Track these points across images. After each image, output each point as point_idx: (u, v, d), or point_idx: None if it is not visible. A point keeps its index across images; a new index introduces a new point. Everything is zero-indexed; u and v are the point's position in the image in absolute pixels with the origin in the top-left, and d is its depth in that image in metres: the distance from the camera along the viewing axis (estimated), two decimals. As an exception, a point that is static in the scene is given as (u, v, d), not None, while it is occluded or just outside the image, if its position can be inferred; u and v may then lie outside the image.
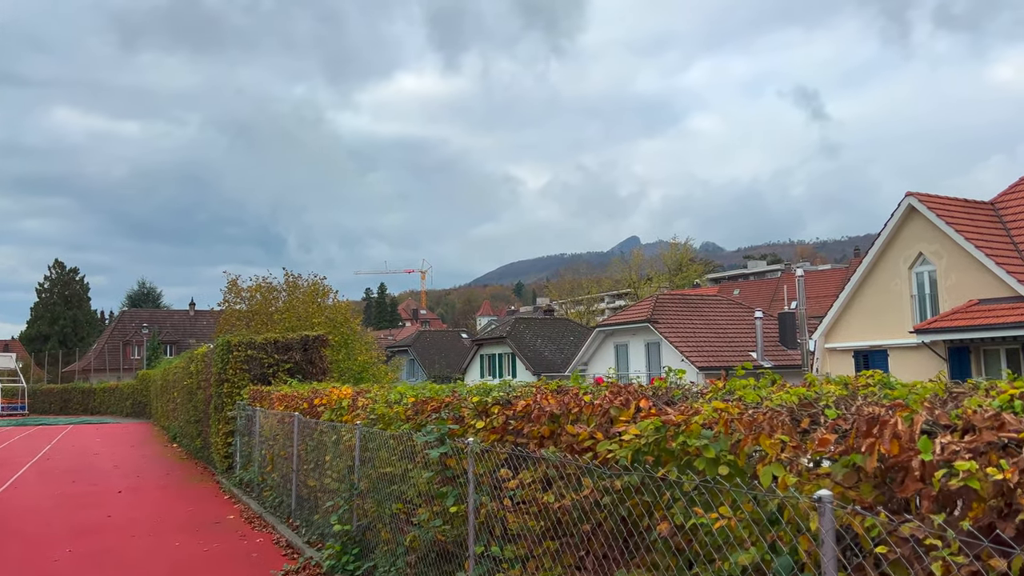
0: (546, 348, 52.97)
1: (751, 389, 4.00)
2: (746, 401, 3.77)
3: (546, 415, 4.96)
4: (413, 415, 7.10)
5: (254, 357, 16.88)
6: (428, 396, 7.02)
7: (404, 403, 7.40)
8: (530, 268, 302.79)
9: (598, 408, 4.51)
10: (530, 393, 5.61)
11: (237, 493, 14.25)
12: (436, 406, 6.55)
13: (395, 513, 6.87)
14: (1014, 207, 28.01)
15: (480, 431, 5.73)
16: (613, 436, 4.18)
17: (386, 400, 8.00)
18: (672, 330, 38.84)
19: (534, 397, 5.35)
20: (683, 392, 4.58)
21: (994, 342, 24.71)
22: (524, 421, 5.32)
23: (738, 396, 3.94)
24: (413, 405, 7.15)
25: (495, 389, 6.15)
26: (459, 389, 7.01)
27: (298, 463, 11.01)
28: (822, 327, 30.94)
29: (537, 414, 5.08)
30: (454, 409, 6.25)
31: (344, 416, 9.28)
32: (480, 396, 5.99)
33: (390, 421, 7.64)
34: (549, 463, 4.64)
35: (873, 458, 2.74)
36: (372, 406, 8.15)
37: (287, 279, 31.45)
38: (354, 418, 8.77)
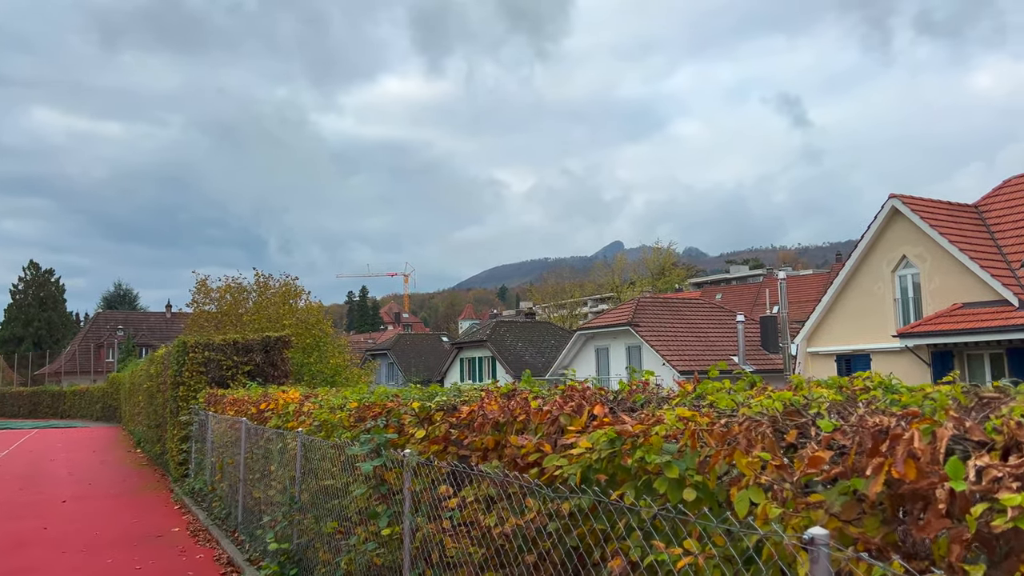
0: (527, 351, 52.28)
1: (725, 393, 3.31)
2: (719, 408, 3.09)
3: (489, 423, 4.25)
4: (355, 422, 6.37)
5: (212, 359, 16.04)
6: (371, 401, 6.29)
7: (347, 409, 6.66)
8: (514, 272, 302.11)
9: (546, 416, 3.81)
10: (477, 397, 4.90)
11: (188, 503, 13.42)
12: (377, 412, 5.81)
13: (332, 532, 6.13)
14: (997, 210, 27.68)
15: (421, 441, 5.01)
16: (563, 449, 3.48)
17: (330, 405, 7.25)
18: (653, 333, 38.28)
19: (480, 402, 4.64)
20: (647, 396, 3.89)
21: (978, 346, 24.30)
22: (468, 430, 4.61)
23: (710, 402, 3.25)
24: (356, 411, 6.42)
25: (442, 393, 5.43)
26: (404, 393, 6.28)
27: (245, 472, 10.23)
28: (804, 331, 30.47)
29: (480, 422, 4.37)
30: (396, 416, 5.52)
31: (290, 422, 8.52)
32: (423, 401, 5.27)
33: (332, 428, 6.90)
34: (492, 480, 3.93)
35: (880, 482, 2.06)
36: (316, 412, 7.40)
37: (257, 280, 30.56)
38: (300, 424, 8.02)
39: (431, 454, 4.87)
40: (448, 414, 4.94)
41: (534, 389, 4.69)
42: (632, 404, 3.79)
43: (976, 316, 23.89)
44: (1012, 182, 28.41)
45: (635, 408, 3.71)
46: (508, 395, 4.75)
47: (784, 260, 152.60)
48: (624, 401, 3.84)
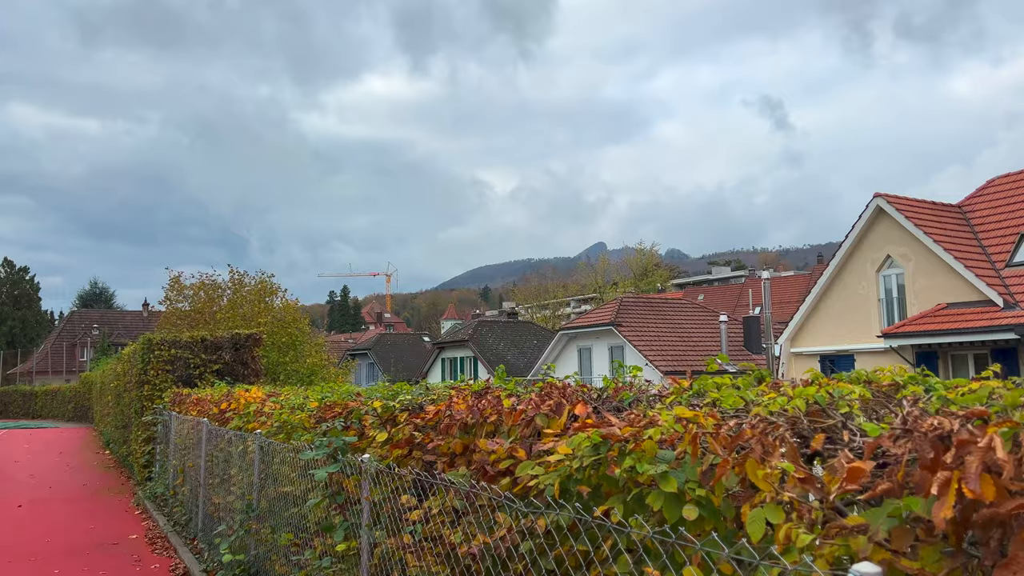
0: (509, 351, 51.77)
1: (731, 389, 2.80)
2: (724, 408, 2.60)
3: (457, 425, 3.74)
4: (317, 423, 5.83)
5: (179, 357, 15.39)
6: (333, 400, 5.75)
7: (307, 409, 6.11)
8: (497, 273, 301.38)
9: (520, 416, 3.30)
10: (447, 396, 4.38)
11: (149, 508, 12.77)
12: (337, 412, 5.28)
13: (288, 544, 5.59)
14: (981, 210, 27.55)
15: (383, 445, 4.49)
16: (539, 455, 2.98)
17: (291, 405, 6.70)
18: (636, 333, 37.91)
19: (448, 401, 4.12)
20: (636, 394, 3.39)
21: (962, 347, 24.11)
22: (434, 432, 4.10)
23: (712, 400, 2.75)
24: (316, 411, 5.88)
25: (408, 391, 4.91)
26: (368, 392, 5.75)
27: (205, 476, 9.63)
28: (788, 331, 30.21)
29: (447, 424, 3.86)
30: (356, 416, 4.99)
31: (251, 423, 7.95)
32: (386, 400, 4.74)
33: (292, 430, 6.35)
34: (458, 491, 3.41)
35: (950, 504, 1.58)
36: (275, 412, 6.85)
37: (232, 277, 29.81)
38: (260, 425, 7.46)
39: (394, 459, 4.34)
40: (413, 414, 4.42)
41: (508, 386, 4.19)
42: (619, 403, 3.30)
43: (961, 316, 23.70)
44: (996, 182, 28.30)
45: (622, 408, 3.22)
46: (480, 393, 4.24)
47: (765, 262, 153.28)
48: (609, 400, 3.35)
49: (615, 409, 3.28)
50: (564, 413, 3.05)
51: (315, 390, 7.15)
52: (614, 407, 3.21)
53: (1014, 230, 25.45)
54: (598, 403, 3.27)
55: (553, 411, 3.13)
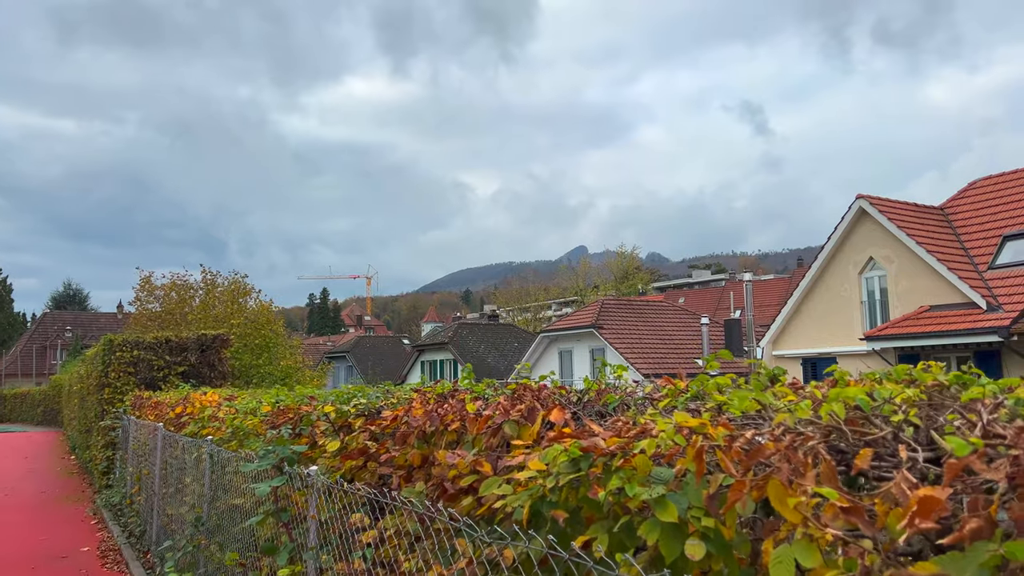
0: (489, 354, 51.24)
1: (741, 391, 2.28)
2: (732, 414, 2.11)
3: (415, 434, 3.22)
4: (270, 429, 5.27)
5: (142, 358, 14.71)
6: (287, 404, 5.20)
7: (260, 413, 5.56)
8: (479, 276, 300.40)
9: (486, 423, 2.79)
10: (406, 400, 3.86)
11: (106, 517, 12.10)
12: (289, 418, 4.74)
13: (233, 565, 5.04)
14: (963, 213, 27.44)
15: (335, 455, 3.95)
16: (507, 471, 2.47)
17: (246, 409, 6.14)
18: (617, 336, 37.53)
19: (407, 406, 3.60)
20: (623, 398, 2.88)
21: (945, 349, 23.91)
22: (391, 441, 3.57)
23: (716, 404, 2.25)
24: (269, 416, 5.33)
25: (365, 394, 4.38)
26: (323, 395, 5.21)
27: (160, 485, 9.02)
28: (770, 333, 29.96)
29: (403, 432, 3.34)
30: (308, 422, 4.46)
31: (205, 428, 7.37)
32: (339, 404, 4.21)
33: (245, 436, 5.80)
34: (413, 511, 2.89)
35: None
36: (228, 417, 6.28)
37: (204, 277, 29.02)
38: (213, 431, 6.88)
39: (346, 471, 3.82)
40: (369, 421, 3.89)
41: (476, 389, 3.67)
42: (602, 408, 2.80)
43: (944, 319, 23.52)
44: (977, 185, 28.21)
45: (606, 414, 2.72)
46: (444, 396, 3.72)
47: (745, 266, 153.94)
48: (591, 404, 2.84)
49: (598, 415, 2.79)
50: (537, 420, 2.55)
51: (270, 393, 6.60)
52: (596, 412, 2.72)
53: (996, 232, 25.34)
54: (578, 408, 2.77)
55: (524, 417, 2.63)
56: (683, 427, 1.83)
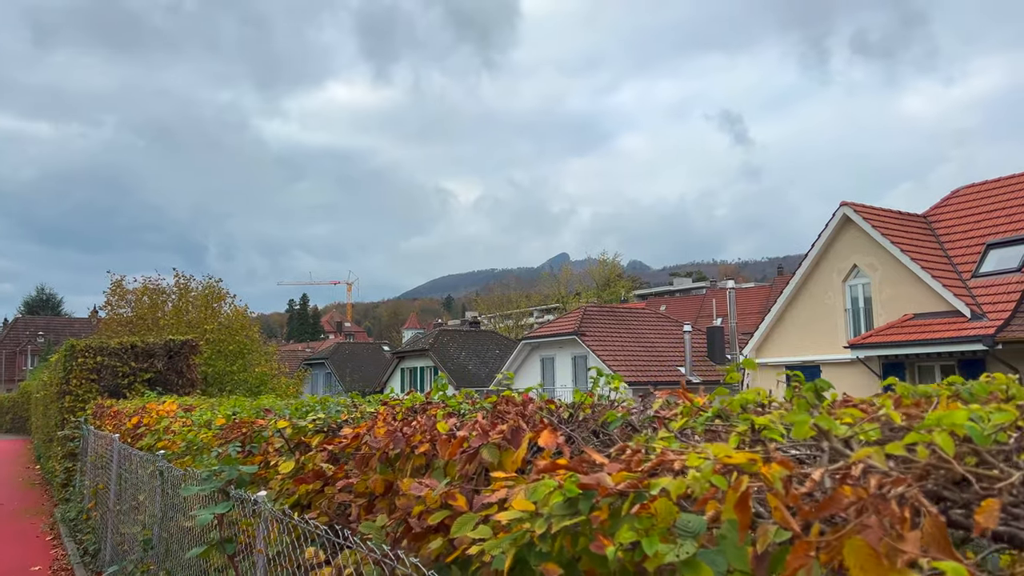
0: (470, 361, 50.64)
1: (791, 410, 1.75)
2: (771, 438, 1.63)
3: (377, 457, 2.73)
4: (220, 445, 4.75)
5: (105, 365, 14.04)
6: (242, 417, 4.68)
7: (214, 427, 5.03)
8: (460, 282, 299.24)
9: (460, 447, 2.30)
10: (371, 414, 3.36)
11: (63, 533, 11.44)
12: (241, 433, 4.22)
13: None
14: (946, 221, 27.36)
15: (289, 477, 3.45)
16: (485, 508, 1.99)
17: (201, 422, 5.61)
18: (599, 343, 37.14)
19: (370, 422, 3.11)
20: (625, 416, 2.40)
21: (929, 358, 23.75)
22: (351, 463, 3.07)
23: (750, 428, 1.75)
24: (222, 430, 4.80)
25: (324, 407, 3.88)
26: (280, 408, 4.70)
27: (115, 501, 8.42)
28: (753, 341, 29.68)
29: (364, 455, 2.84)
30: (260, 439, 3.94)
31: (161, 441, 6.81)
32: (295, 418, 3.70)
33: (199, 451, 5.27)
34: (369, 555, 2.39)
35: None
36: (181, 430, 5.74)
37: (177, 281, 28.25)
38: (169, 445, 6.33)
39: (302, 497, 3.31)
40: (328, 439, 3.39)
41: (450, 402, 3.19)
42: (601, 428, 2.32)
43: (928, 327, 23.34)
44: (960, 193, 28.16)
45: (606, 436, 2.25)
46: (414, 411, 3.23)
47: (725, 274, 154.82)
48: (586, 423, 2.36)
49: (595, 438, 2.32)
50: (523, 444, 2.07)
51: (227, 404, 6.06)
52: (593, 434, 2.25)
53: (979, 240, 25.25)
54: (572, 428, 2.29)
55: (507, 440, 2.14)
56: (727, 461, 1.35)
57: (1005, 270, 23.56)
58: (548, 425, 2.17)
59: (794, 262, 28.25)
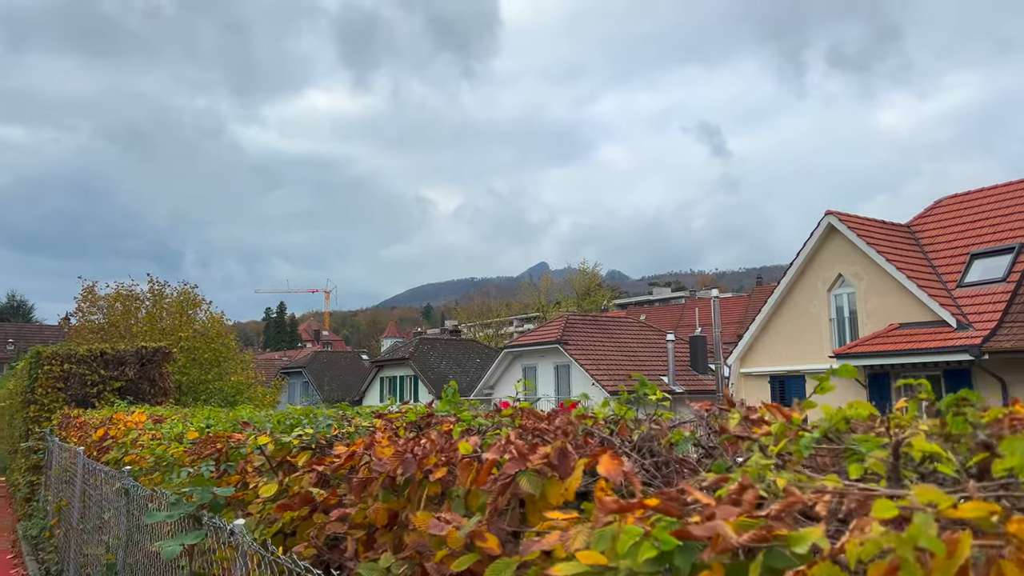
0: (451, 370, 50.06)
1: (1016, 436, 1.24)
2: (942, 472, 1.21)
3: (379, 482, 2.28)
4: (192, 462, 4.26)
5: (73, 373, 13.40)
6: (217, 431, 4.20)
7: (186, 441, 4.54)
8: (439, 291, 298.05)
9: (489, 472, 1.86)
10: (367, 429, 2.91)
11: (25, 551, 10.78)
12: (216, 449, 3.74)
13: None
14: (930, 230, 27.35)
15: (271, 501, 2.98)
16: (531, 552, 1.54)
17: (172, 435, 5.10)
18: (582, 352, 36.78)
19: (368, 438, 2.66)
20: (693, 436, 1.94)
21: (915, 368, 23.61)
22: (345, 487, 2.62)
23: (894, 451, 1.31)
24: (195, 445, 4.32)
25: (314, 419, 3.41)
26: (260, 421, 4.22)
27: (78, 519, 7.85)
28: (737, 350, 29.48)
29: (363, 480, 2.39)
30: (236, 456, 3.47)
31: (128, 455, 6.28)
32: (278, 433, 3.24)
33: (169, 468, 4.77)
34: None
35: None
36: (150, 444, 5.23)
37: (151, 287, 27.49)
38: (138, 460, 5.81)
39: (285, 525, 2.85)
40: (317, 458, 2.94)
41: (464, 415, 2.74)
42: (659, 448, 1.88)
43: (914, 337, 23.23)
44: (944, 203, 28.19)
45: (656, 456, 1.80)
46: (418, 425, 2.78)
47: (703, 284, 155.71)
48: (647, 444, 1.91)
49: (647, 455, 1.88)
50: (575, 472, 1.62)
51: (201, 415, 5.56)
52: (655, 461, 1.79)
53: (963, 250, 25.23)
54: (642, 447, 1.84)
55: (552, 466, 1.70)
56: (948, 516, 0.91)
57: (990, 280, 23.53)
58: (606, 447, 1.72)
59: (772, 273, 28.13)
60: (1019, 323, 21.73)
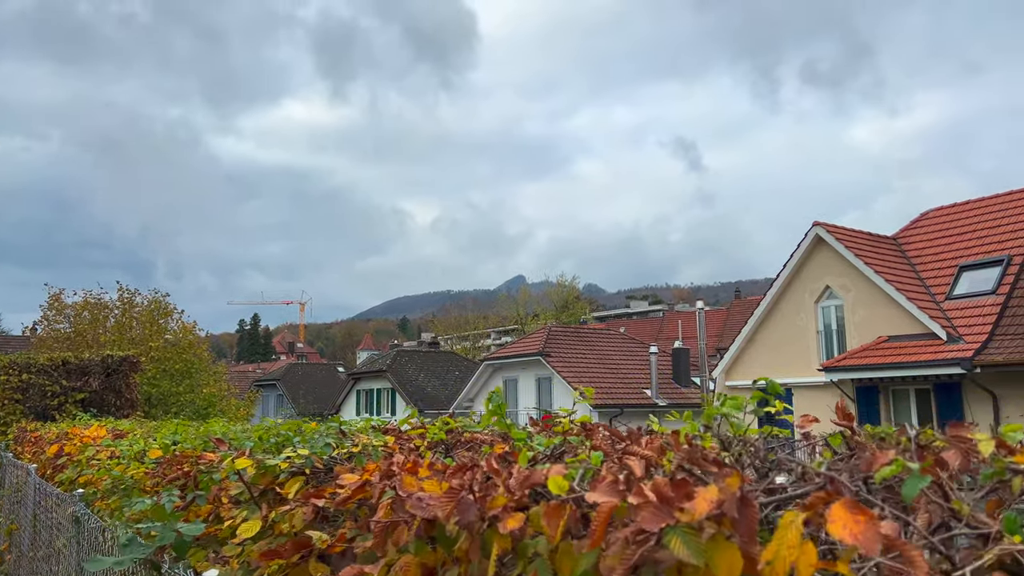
0: (429, 383, 49.21)
1: None
2: None
3: (413, 527, 1.62)
4: (157, 484, 3.55)
5: (32, 383, 12.51)
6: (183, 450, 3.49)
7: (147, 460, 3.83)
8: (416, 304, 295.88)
9: (606, 523, 1.20)
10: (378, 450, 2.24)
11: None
12: (183, 472, 3.05)
13: None
14: (917, 242, 27.16)
15: (252, 541, 2.30)
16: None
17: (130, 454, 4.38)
18: (565, 364, 36.17)
19: (386, 463, 1.99)
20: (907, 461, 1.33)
21: (904, 381, 23.28)
22: (353, 524, 1.96)
23: None
24: (158, 465, 3.61)
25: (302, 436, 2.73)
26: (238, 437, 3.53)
27: (30, 545, 7.04)
28: (723, 363, 29.05)
29: (388, 522, 1.72)
30: (209, 482, 2.79)
31: (84, 475, 5.52)
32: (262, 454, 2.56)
33: (128, 491, 4.04)
34: None
35: None
36: (107, 463, 4.50)
37: (121, 295, 26.44)
38: (92, 481, 5.06)
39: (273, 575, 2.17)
40: (316, 488, 2.27)
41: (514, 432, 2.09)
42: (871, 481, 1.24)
43: (903, 349, 22.90)
44: (930, 215, 28.04)
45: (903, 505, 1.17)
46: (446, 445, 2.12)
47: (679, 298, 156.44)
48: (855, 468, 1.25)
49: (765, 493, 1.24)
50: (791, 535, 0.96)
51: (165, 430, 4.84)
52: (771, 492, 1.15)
53: (951, 263, 25.03)
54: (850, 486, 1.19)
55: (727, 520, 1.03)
56: None
57: (979, 292, 23.29)
58: (832, 489, 1.05)
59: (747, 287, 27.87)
60: (1009, 336, 21.48)
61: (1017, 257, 23.28)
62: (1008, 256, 23.37)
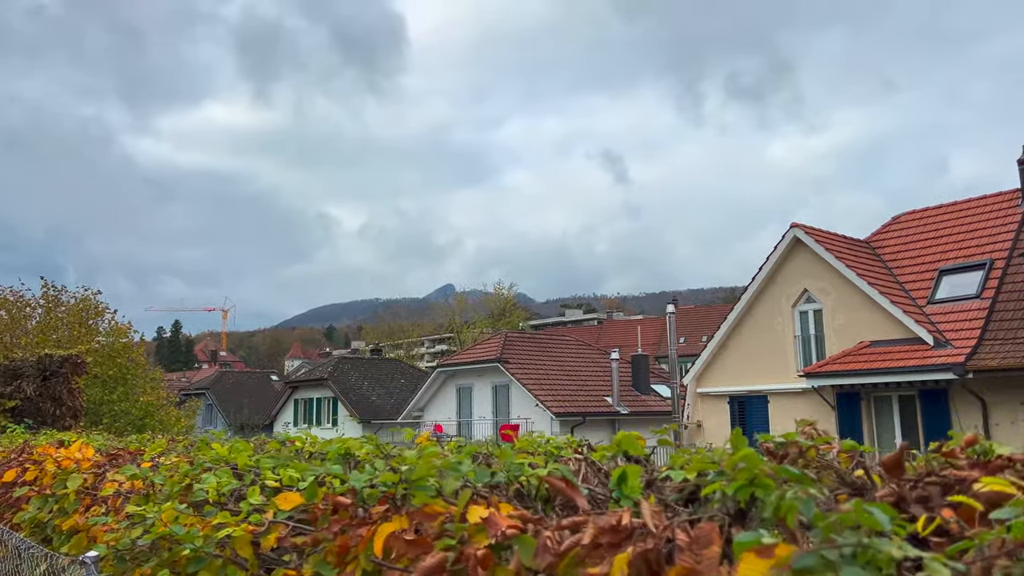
0: (374, 392, 46.93)
1: None
2: None
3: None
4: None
5: (-51, 389, 10.17)
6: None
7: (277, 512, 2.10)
8: (342, 312, 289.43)
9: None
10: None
11: None
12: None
13: None
14: (892, 246, 26.81)
15: None
16: None
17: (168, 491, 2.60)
18: (524, 371, 34.66)
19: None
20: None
21: (887, 387, 22.65)
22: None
23: None
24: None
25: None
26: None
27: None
28: (694, 370, 28.05)
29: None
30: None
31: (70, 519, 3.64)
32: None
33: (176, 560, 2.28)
34: None
35: None
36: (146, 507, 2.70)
37: (45, 293, 23.55)
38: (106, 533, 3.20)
39: None
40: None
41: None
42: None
43: (887, 355, 22.26)
44: (902, 219, 27.80)
45: None
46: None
47: (609, 307, 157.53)
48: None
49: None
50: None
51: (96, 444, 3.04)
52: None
53: (930, 267, 24.67)
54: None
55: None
56: None
57: (963, 296, 22.91)
58: None
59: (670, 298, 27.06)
60: (999, 340, 21.07)
61: (998, 261, 23.05)
62: (990, 259, 23.10)
